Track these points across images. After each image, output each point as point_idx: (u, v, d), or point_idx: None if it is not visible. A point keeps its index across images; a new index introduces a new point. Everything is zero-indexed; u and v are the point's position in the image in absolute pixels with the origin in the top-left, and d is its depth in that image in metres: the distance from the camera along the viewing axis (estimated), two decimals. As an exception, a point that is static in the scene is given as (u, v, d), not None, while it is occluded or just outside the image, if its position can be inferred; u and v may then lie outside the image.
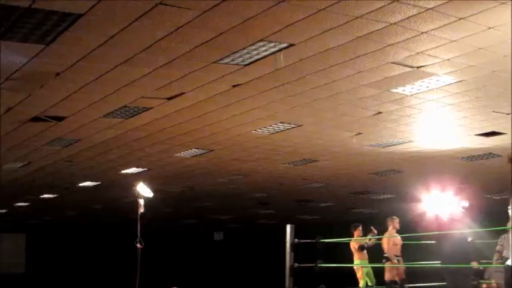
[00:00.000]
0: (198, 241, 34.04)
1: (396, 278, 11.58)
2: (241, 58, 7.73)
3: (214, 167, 15.63)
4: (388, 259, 11.58)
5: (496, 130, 11.76)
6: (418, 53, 7.57)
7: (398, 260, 11.66)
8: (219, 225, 32.98)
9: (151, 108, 10.12)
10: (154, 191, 10.19)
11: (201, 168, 15.75)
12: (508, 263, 8.40)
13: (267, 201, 22.88)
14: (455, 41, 7.14)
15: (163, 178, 17.05)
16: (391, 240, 11.63)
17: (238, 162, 15.10)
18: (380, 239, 11.84)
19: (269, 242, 29.12)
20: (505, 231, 10.85)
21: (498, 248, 10.98)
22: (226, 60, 7.80)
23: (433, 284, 10.85)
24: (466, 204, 9.57)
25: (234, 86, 8.94)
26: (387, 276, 11.63)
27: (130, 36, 6.95)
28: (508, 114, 10.59)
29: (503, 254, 10.90)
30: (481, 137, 12.30)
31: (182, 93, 9.34)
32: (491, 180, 16.81)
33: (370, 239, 12.18)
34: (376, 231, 12.15)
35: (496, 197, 19.20)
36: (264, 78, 8.58)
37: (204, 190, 19.79)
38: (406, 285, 11.72)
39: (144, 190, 9.79)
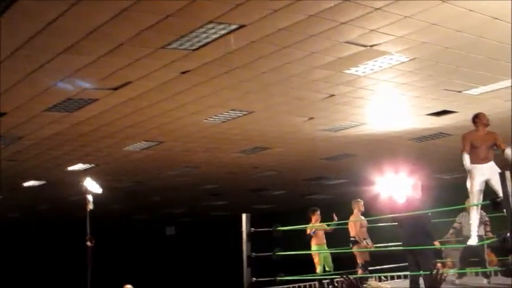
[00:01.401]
0: (150, 237, 33.50)
1: (364, 260, 11.48)
2: (190, 42, 7.41)
3: (164, 159, 15.22)
4: (356, 242, 11.46)
5: (447, 109, 11.76)
6: (371, 30, 7.39)
7: (367, 242, 11.57)
8: (171, 220, 32.51)
9: (96, 99, 9.68)
10: (103, 187, 9.76)
11: (151, 162, 15.31)
12: (470, 242, 8.33)
13: (219, 192, 22.57)
14: (408, 16, 6.99)
15: (112, 174, 16.54)
16: (358, 223, 11.50)
17: (189, 154, 14.73)
18: (344, 224, 11.67)
19: (223, 233, 28.90)
20: (464, 209, 10.88)
21: (456, 225, 11.01)
22: (174, 45, 7.46)
23: (396, 265, 10.80)
24: (418, 184, 9.45)
25: (182, 72, 8.60)
26: (359, 259, 11.49)
27: (70, 22, 6.54)
28: (459, 91, 10.57)
29: (464, 233, 10.96)
30: (432, 117, 12.29)
31: (128, 83, 8.95)
32: (443, 160, 16.92)
33: (329, 225, 12.01)
34: (336, 218, 12.01)
35: (446, 177, 19.35)
36: (214, 63, 8.27)
37: (154, 184, 19.32)
38: (369, 268, 11.64)
39: (92, 186, 9.35)
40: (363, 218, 11.66)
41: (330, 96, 10.44)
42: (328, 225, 11.81)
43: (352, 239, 11.50)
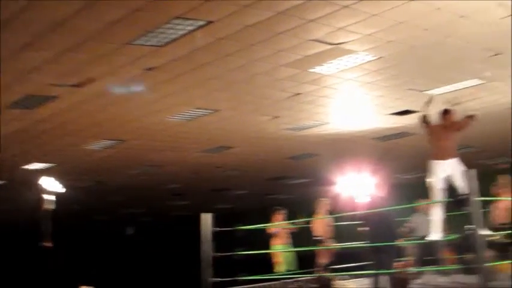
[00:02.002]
0: (110, 237, 33.06)
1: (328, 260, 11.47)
2: (157, 38, 7.30)
3: (127, 158, 15.01)
4: (321, 241, 11.43)
5: (410, 108, 11.85)
6: (339, 28, 7.39)
7: (331, 242, 11.56)
8: (131, 220, 32.15)
9: (57, 96, 9.46)
10: (62, 187, 9.57)
11: (113, 161, 15.08)
12: (432, 237, 8.38)
13: (181, 192, 22.40)
14: (376, 14, 7.00)
15: (72, 173, 16.18)
16: (324, 223, 11.45)
17: (151, 153, 14.56)
18: (308, 223, 11.61)
19: (185, 233, 28.68)
20: (416, 210, 10.96)
21: (407, 225, 11.11)
22: (140, 41, 7.34)
23: (359, 264, 10.83)
24: (382, 183, 9.50)
25: (148, 69, 8.46)
26: (323, 259, 11.45)
27: (29, 15, 6.35)
28: (422, 91, 10.67)
29: (418, 233, 11.09)
30: (395, 116, 12.38)
31: (91, 79, 8.76)
32: (405, 160, 17.10)
33: (293, 222, 11.91)
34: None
35: (408, 176, 19.55)
36: (180, 60, 8.17)
37: (115, 184, 19.04)
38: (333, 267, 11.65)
39: (52, 185, 9.14)
40: (328, 217, 11.64)
41: (294, 95, 10.43)
42: (293, 224, 11.75)
43: (316, 238, 11.45)
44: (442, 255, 10.76)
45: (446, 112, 8.33)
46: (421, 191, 12.13)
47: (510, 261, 10.57)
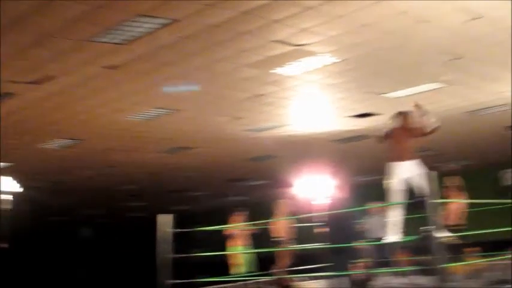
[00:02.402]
0: (65, 238, 32.48)
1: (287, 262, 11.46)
2: (118, 36, 7.17)
3: (84, 158, 14.75)
4: (282, 243, 11.39)
5: (370, 111, 11.97)
6: (302, 29, 7.39)
7: (291, 243, 11.55)
8: (88, 221, 31.65)
9: (14, 94, 9.22)
10: (20, 186, 9.33)
11: (70, 160, 14.79)
12: (390, 239, 8.43)
13: (139, 193, 22.14)
14: (340, 16, 7.03)
15: (28, 173, 15.85)
16: (284, 224, 11.41)
17: (110, 152, 14.35)
18: (268, 224, 11.55)
19: (142, 235, 28.35)
20: (369, 212, 11.05)
21: (364, 226, 11.21)
22: (101, 38, 7.20)
23: (319, 265, 10.87)
24: (343, 185, 9.53)
25: (108, 67, 8.32)
26: (284, 261, 11.41)
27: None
28: (382, 94, 10.78)
29: (372, 235, 11.21)
30: (355, 119, 12.48)
31: (50, 77, 8.57)
32: (363, 162, 17.25)
33: (253, 224, 11.85)
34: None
35: (366, 178, 19.71)
36: (142, 59, 8.06)
37: (72, 184, 18.71)
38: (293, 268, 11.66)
39: (7, 185, 8.91)
40: (288, 218, 11.62)
41: (256, 96, 10.41)
42: (253, 225, 11.69)
43: (277, 239, 11.41)
44: (397, 257, 10.88)
45: (403, 114, 8.36)
46: (376, 193, 12.30)
47: (464, 263, 10.82)
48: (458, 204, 10.46)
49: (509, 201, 9.67)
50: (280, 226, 11.39)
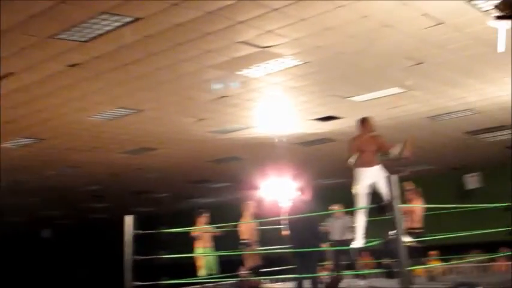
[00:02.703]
0: (24, 240, 31.91)
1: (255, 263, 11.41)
2: (81, 33, 7.07)
3: (45, 158, 14.50)
4: (248, 245, 11.34)
5: (333, 115, 12.05)
6: (267, 31, 7.40)
7: (257, 246, 11.51)
8: (48, 222, 31.13)
9: (-28, 91, 9.02)
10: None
11: (30, 160, 14.52)
12: (355, 245, 8.47)
13: (101, 194, 21.87)
14: (305, 19, 7.06)
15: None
16: (250, 226, 11.37)
17: (71, 152, 14.13)
18: (234, 226, 11.47)
19: (104, 237, 28.04)
20: (331, 215, 11.09)
21: (325, 228, 11.29)
22: (63, 35, 7.09)
23: (283, 268, 10.90)
24: (301, 188, 9.54)
25: (70, 65, 8.20)
26: (250, 263, 11.36)
27: None
28: (345, 98, 10.87)
29: (331, 237, 11.29)
30: (318, 122, 12.54)
31: (9, 74, 8.39)
32: (326, 165, 17.35)
33: (217, 226, 11.74)
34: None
35: (329, 182, 19.83)
36: (105, 57, 7.96)
37: (31, 184, 18.36)
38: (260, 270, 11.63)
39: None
40: (253, 220, 11.59)
41: (220, 98, 10.38)
42: (216, 228, 11.63)
43: (244, 241, 11.39)
44: (360, 260, 10.97)
45: (364, 121, 8.47)
46: (339, 196, 12.40)
47: (426, 266, 10.96)
48: (417, 208, 10.62)
49: (470, 205, 9.83)
50: (247, 228, 11.36)
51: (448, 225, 12.58)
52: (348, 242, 10.77)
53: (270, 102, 10.95)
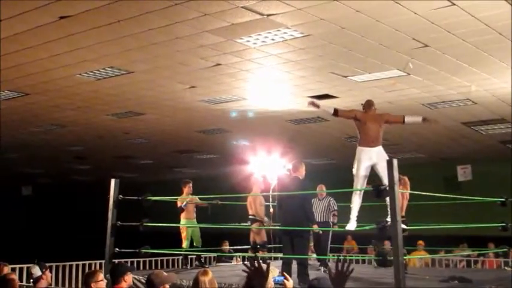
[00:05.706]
0: (4, 196, 31.49)
1: (263, 240, 11.08)
2: (75, -18, 6.64)
3: (29, 113, 14.04)
4: (256, 220, 10.97)
5: (330, 93, 11.72)
6: (271, -3, 7.01)
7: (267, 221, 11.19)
8: (28, 179, 30.69)
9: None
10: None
11: (13, 114, 14.02)
12: (348, 227, 8.21)
13: (83, 155, 21.46)
14: (312, -12, 6.68)
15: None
16: (258, 201, 11.00)
17: (56, 110, 13.68)
18: (221, 199, 11.04)
19: (85, 198, 27.73)
20: (315, 196, 10.83)
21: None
22: (55, -17, 6.66)
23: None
24: (295, 166, 9.22)
25: (61, 17, 7.75)
26: (258, 239, 11.00)
27: None
28: (345, 76, 10.53)
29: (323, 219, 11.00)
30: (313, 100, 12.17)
31: (-4, 21, 7.95)
32: (315, 145, 17.07)
33: (193, 198, 11.30)
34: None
35: (316, 162, 19.58)
36: (98, 12, 7.51)
37: (13, 140, 17.88)
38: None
39: None
40: (261, 194, 11.23)
41: (215, 65, 9.99)
42: (201, 199, 11.26)
43: (251, 217, 11.04)
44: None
45: (370, 102, 8.35)
46: (326, 176, 12.13)
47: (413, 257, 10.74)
48: (403, 196, 10.35)
49: (466, 197, 9.61)
50: (257, 202, 11.00)
51: (433, 217, 12.41)
52: (329, 224, 10.52)
53: (266, 75, 10.56)
